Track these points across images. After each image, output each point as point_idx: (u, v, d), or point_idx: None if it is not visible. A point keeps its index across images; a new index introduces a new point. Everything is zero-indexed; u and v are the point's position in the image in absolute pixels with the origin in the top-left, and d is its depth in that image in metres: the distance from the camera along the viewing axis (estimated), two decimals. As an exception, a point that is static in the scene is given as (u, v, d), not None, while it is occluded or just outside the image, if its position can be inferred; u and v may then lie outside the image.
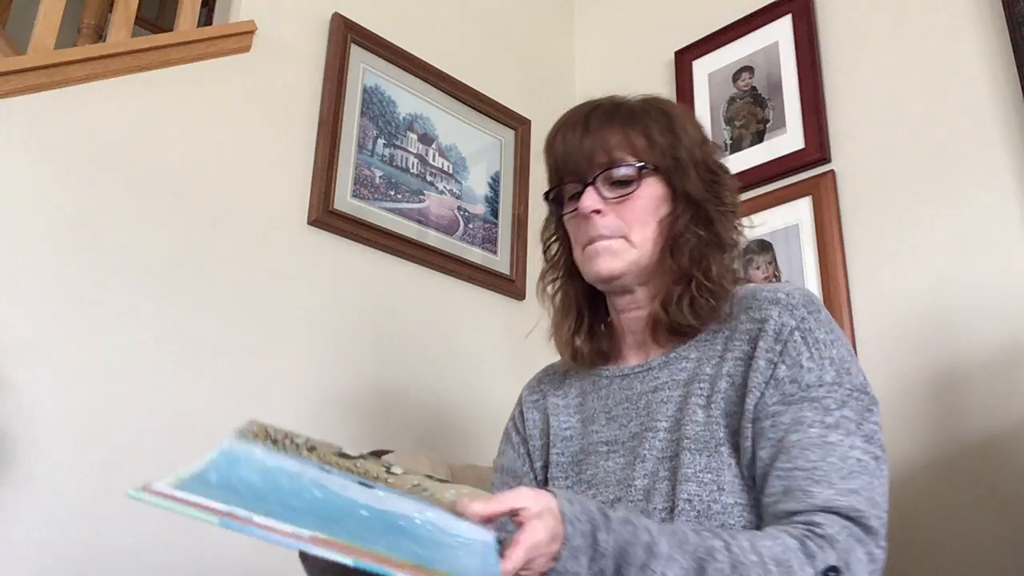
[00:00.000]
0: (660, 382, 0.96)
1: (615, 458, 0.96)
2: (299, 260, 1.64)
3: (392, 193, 1.83)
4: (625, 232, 0.95)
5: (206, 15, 2.29)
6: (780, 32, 1.92)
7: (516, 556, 0.65)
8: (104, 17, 1.94)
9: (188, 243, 1.50)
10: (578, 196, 0.96)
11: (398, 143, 1.87)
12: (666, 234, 0.95)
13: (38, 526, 1.23)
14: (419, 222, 1.85)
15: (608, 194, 0.95)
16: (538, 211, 2.18)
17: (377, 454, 0.85)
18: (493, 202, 2.04)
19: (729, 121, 1.96)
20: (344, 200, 1.72)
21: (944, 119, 1.60)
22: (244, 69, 1.66)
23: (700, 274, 0.93)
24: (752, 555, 0.74)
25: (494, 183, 2.06)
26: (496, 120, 2.10)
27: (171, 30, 1.67)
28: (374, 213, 1.77)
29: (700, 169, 0.97)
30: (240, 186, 1.60)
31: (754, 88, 1.94)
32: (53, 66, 1.40)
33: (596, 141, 0.96)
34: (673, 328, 0.95)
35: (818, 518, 0.78)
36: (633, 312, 0.99)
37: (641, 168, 0.95)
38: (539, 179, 2.13)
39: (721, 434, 0.88)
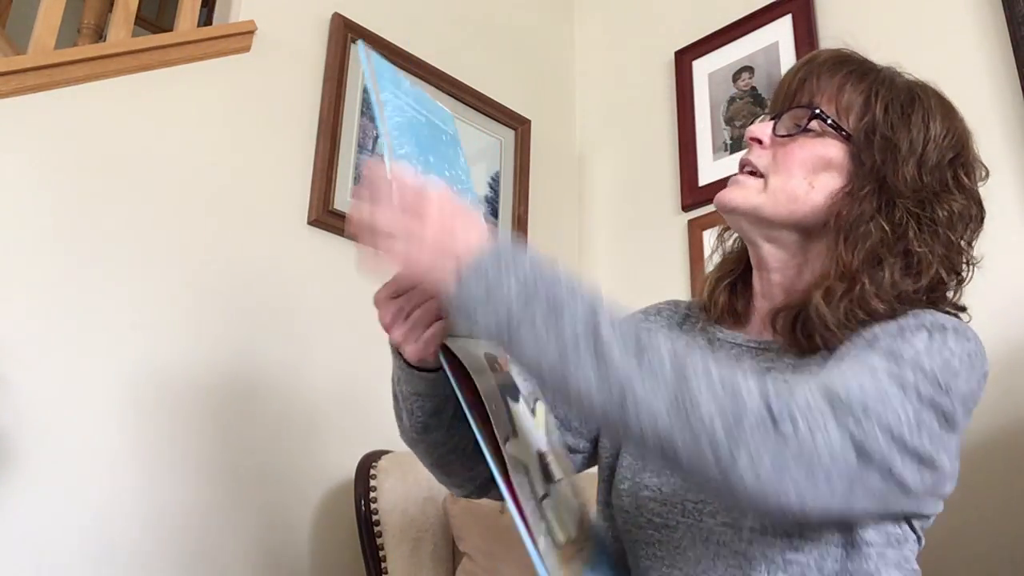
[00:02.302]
0: (771, 365, 0.83)
1: None
2: (299, 260, 1.64)
3: (392, 193, 1.82)
4: (768, 173, 0.85)
5: (206, 15, 2.29)
6: (780, 32, 1.92)
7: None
8: (104, 17, 1.95)
9: (188, 243, 1.50)
10: None
11: (398, 143, 1.87)
12: (832, 212, 0.81)
13: (37, 525, 1.23)
14: (419, 222, 1.85)
15: (780, 131, 0.86)
16: (538, 211, 2.18)
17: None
18: (493, 202, 2.04)
19: (729, 121, 1.96)
20: (344, 200, 1.72)
21: (944, 119, 1.60)
22: (244, 69, 1.66)
23: (868, 280, 0.77)
24: (699, 357, 0.63)
25: (494, 183, 2.05)
26: (496, 120, 2.10)
27: (171, 30, 1.67)
28: (374, 213, 1.77)
29: (925, 168, 0.81)
30: (240, 186, 1.60)
31: (754, 88, 1.94)
32: (53, 66, 1.40)
33: (809, 79, 0.86)
34: (801, 327, 0.80)
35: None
36: (762, 272, 0.89)
37: (814, 116, 0.83)
38: (539, 179, 2.13)
39: None
